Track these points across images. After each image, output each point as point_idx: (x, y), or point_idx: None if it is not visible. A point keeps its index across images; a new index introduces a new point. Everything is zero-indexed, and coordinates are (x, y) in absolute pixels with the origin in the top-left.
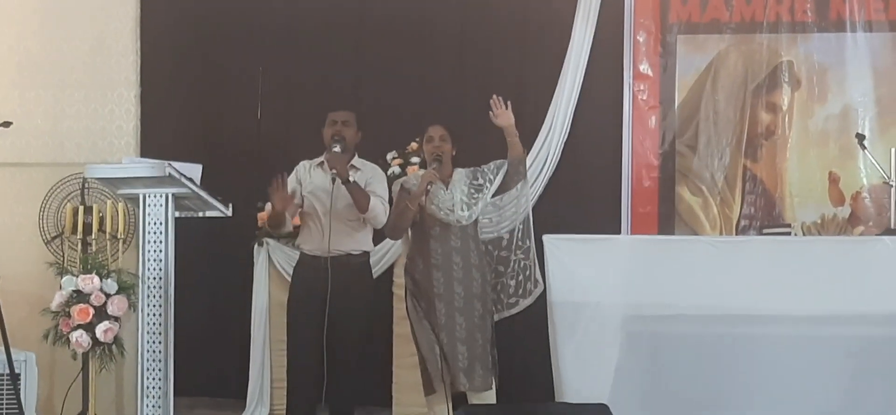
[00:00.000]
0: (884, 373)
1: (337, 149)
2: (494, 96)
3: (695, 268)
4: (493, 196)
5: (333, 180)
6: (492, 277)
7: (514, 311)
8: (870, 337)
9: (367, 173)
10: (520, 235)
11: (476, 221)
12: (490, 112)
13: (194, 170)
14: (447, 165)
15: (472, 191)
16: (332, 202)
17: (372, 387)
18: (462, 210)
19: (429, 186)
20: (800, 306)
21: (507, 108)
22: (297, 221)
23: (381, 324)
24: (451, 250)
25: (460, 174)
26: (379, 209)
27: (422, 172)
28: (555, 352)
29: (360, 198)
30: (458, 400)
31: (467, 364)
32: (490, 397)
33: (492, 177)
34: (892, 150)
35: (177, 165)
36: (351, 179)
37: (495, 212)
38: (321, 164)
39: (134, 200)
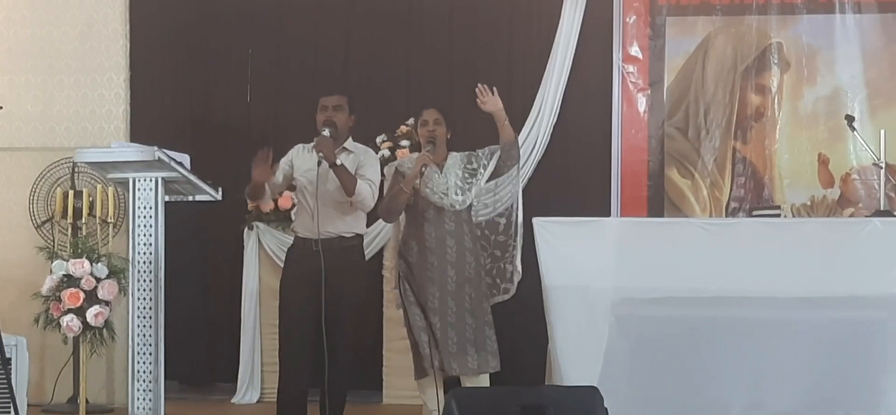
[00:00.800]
0: (872, 354)
1: (326, 133)
2: (479, 84)
3: (685, 250)
4: (487, 181)
5: (319, 164)
6: (488, 261)
7: (507, 296)
8: (859, 319)
9: (359, 156)
10: (516, 219)
11: (470, 205)
12: (477, 100)
13: (182, 160)
14: (442, 149)
15: (467, 175)
16: (320, 185)
17: (363, 371)
18: (456, 194)
19: (423, 170)
20: (790, 288)
21: (493, 93)
22: (287, 203)
23: (371, 307)
24: (445, 234)
25: (455, 158)
26: (366, 192)
27: (416, 155)
28: (550, 335)
29: (347, 181)
30: (452, 384)
31: (457, 349)
32: (483, 381)
33: (486, 162)
34: (882, 131)
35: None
36: (339, 162)
37: (490, 195)
38: (312, 148)
39: (124, 184)
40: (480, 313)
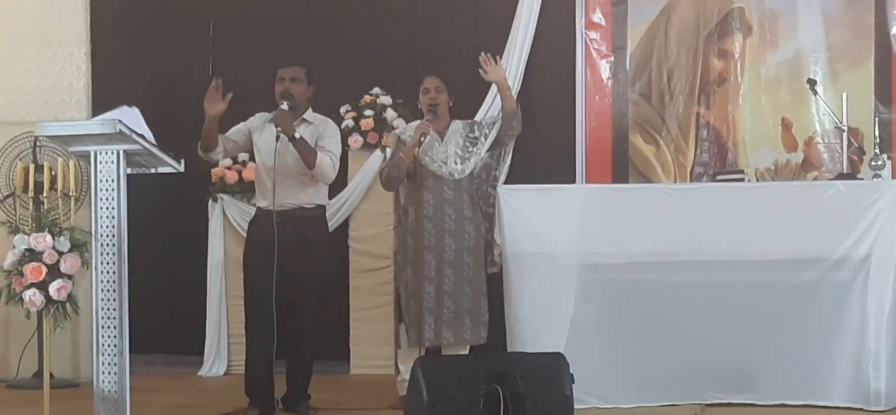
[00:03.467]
0: (836, 315)
1: (284, 106)
2: (484, 53)
3: (649, 216)
4: (488, 151)
5: (278, 138)
6: (485, 231)
7: (496, 269)
8: (823, 280)
9: (318, 127)
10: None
11: (471, 173)
12: (480, 70)
13: (132, 114)
14: (444, 117)
15: (468, 144)
16: (278, 159)
17: (329, 341)
18: (455, 163)
19: (422, 138)
20: (754, 251)
21: (497, 63)
22: (252, 174)
23: (337, 277)
24: (444, 202)
25: (457, 126)
26: (327, 165)
27: (418, 122)
28: (508, 302)
29: (307, 154)
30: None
31: (454, 318)
32: (462, 351)
33: (487, 131)
34: (844, 94)
35: (114, 112)
36: (298, 135)
37: (488, 170)
38: (270, 120)
39: (86, 157)
40: (478, 282)
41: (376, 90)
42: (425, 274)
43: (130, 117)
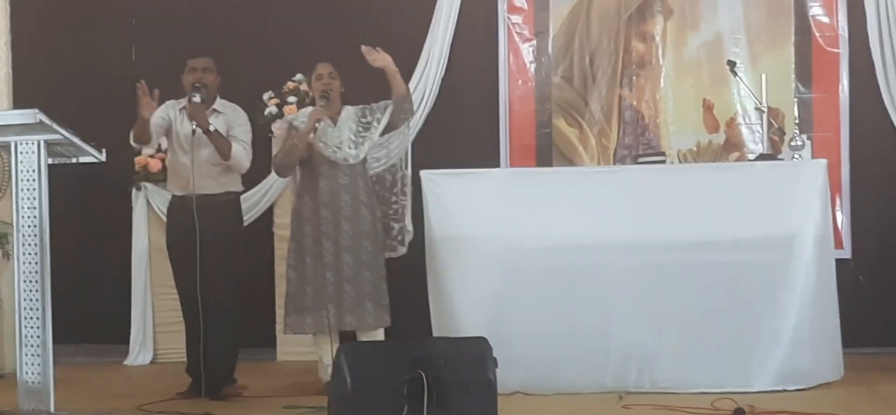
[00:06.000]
0: (756, 295)
1: (196, 99)
2: (363, 47)
3: (572, 199)
4: (381, 135)
5: (194, 132)
6: (382, 216)
7: (395, 255)
8: (743, 261)
9: (229, 117)
10: (402, 177)
11: (365, 159)
12: (367, 58)
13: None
14: (336, 103)
15: (361, 129)
16: (194, 151)
17: (254, 329)
18: (350, 148)
19: (317, 124)
20: (677, 233)
21: (378, 51)
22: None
23: (261, 264)
24: (340, 188)
25: (349, 112)
26: (241, 155)
27: (309, 109)
28: (433, 287)
29: (222, 146)
30: (348, 339)
31: (354, 302)
32: (379, 335)
33: (380, 116)
34: (763, 76)
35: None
36: (212, 127)
37: (382, 150)
38: (182, 110)
39: (6, 148)
40: (376, 266)
41: (299, 76)
42: (324, 260)
43: None
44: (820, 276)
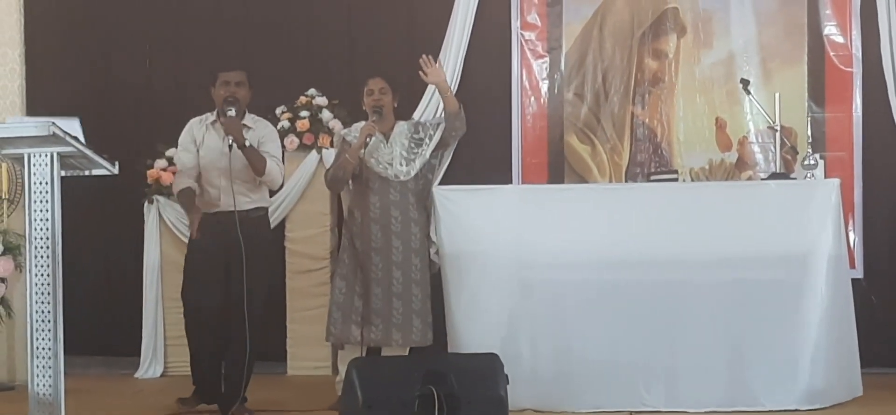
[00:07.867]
0: (769, 314)
1: (231, 112)
2: (424, 55)
3: (584, 216)
4: (432, 152)
5: (231, 148)
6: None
7: (435, 269)
8: (756, 280)
9: (259, 132)
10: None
11: (416, 175)
12: (420, 72)
13: (72, 124)
14: (388, 118)
15: (412, 145)
16: (227, 165)
17: (267, 342)
18: (401, 165)
19: (368, 139)
20: (688, 251)
21: (436, 64)
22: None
23: (274, 278)
24: (390, 204)
25: (402, 127)
26: (275, 171)
27: (362, 123)
28: (447, 303)
29: (256, 162)
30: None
31: (402, 319)
32: (402, 352)
33: (432, 132)
34: (776, 94)
35: (55, 121)
36: (248, 143)
37: (430, 170)
38: (213, 124)
39: (19, 160)
40: (424, 284)
41: (312, 91)
42: (372, 275)
43: (66, 124)
44: (835, 295)
